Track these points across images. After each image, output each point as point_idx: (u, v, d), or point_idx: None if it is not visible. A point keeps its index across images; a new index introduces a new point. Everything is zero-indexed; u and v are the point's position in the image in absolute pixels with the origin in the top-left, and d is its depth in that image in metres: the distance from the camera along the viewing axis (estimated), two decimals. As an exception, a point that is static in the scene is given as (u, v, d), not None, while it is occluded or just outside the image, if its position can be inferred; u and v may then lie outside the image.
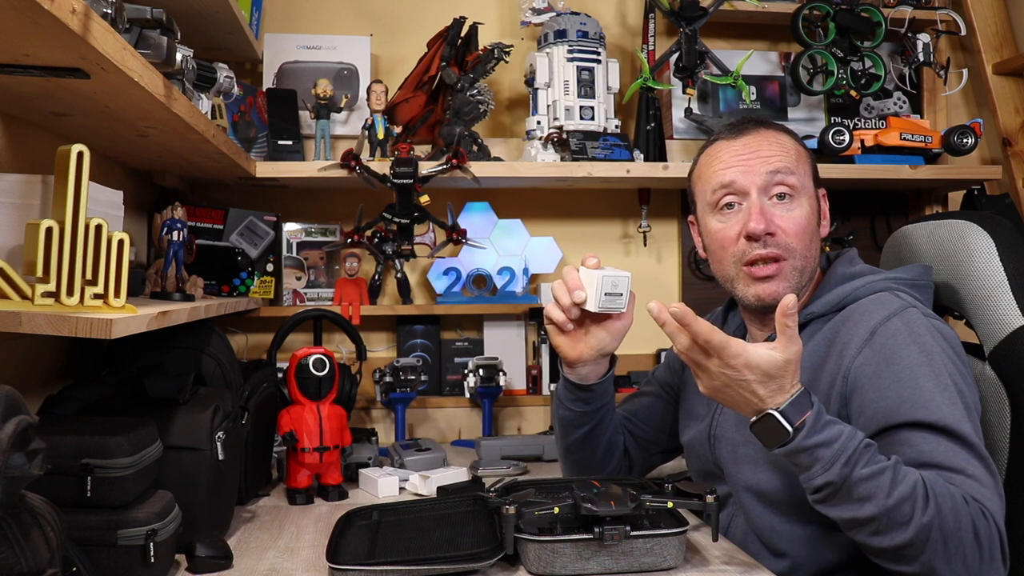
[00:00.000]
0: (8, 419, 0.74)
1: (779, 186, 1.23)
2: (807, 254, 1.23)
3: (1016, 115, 2.24)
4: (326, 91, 1.94)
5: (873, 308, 1.17)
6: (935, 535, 0.97)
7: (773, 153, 1.24)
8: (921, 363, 1.09)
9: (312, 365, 1.47)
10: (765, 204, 1.23)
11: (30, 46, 0.88)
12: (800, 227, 1.22)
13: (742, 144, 1.27)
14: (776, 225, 1.22)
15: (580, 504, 1.08)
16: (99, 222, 0.98)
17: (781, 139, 1.28)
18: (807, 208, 1.24)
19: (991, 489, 1.02)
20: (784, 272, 1.22)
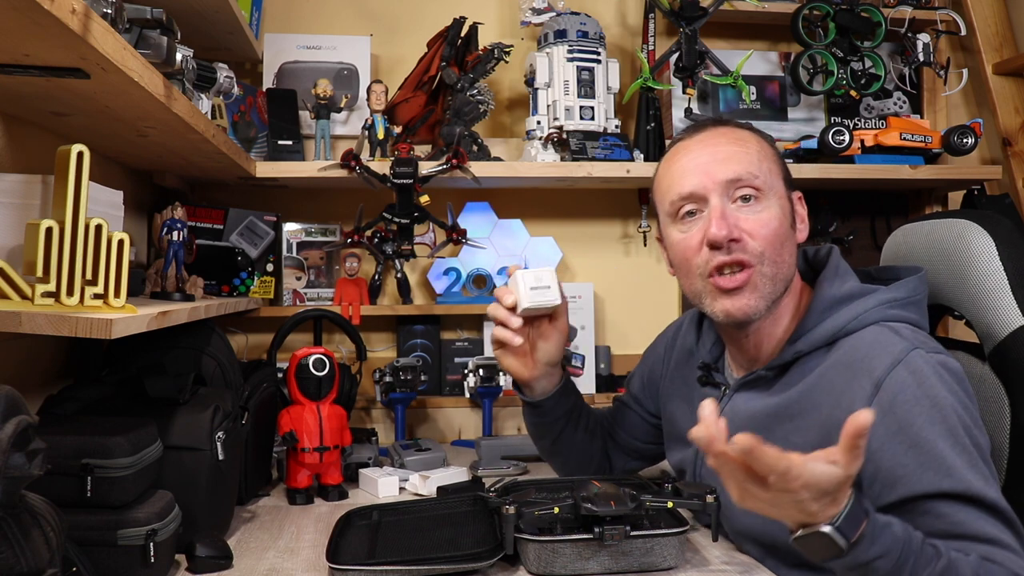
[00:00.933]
0: (8, 419, 0.74)
1: (742, 188, 1.12)
2: (778, 260, 1.12)
3: (1016, 115, 2.24)
4: (326, 91, 1.94)
5: (872, 352, 1.06)
6: None
7: (732, 154, 1.14)
8: (935, 421, 1.00)
9: (312, 365, 1.47)
10: (728, 208, 1.12)
11: (30, 46, 0.88)
12: (769, 230, 1.11)
13: (699, 145, 1.17)
14: (741, 229, 1.11)
15: (580, 504, 1.08)
16: (99, 222, 0.98)
17: (742, 137, 1.17)
18: (776, 210, 1.13)
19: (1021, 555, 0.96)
20: (753, 281, 1.11)
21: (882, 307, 1.12)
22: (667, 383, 1.40)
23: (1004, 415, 1.22)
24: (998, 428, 1.23)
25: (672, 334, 1.44)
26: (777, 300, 1.15)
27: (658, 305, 2.24)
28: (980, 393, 1.26)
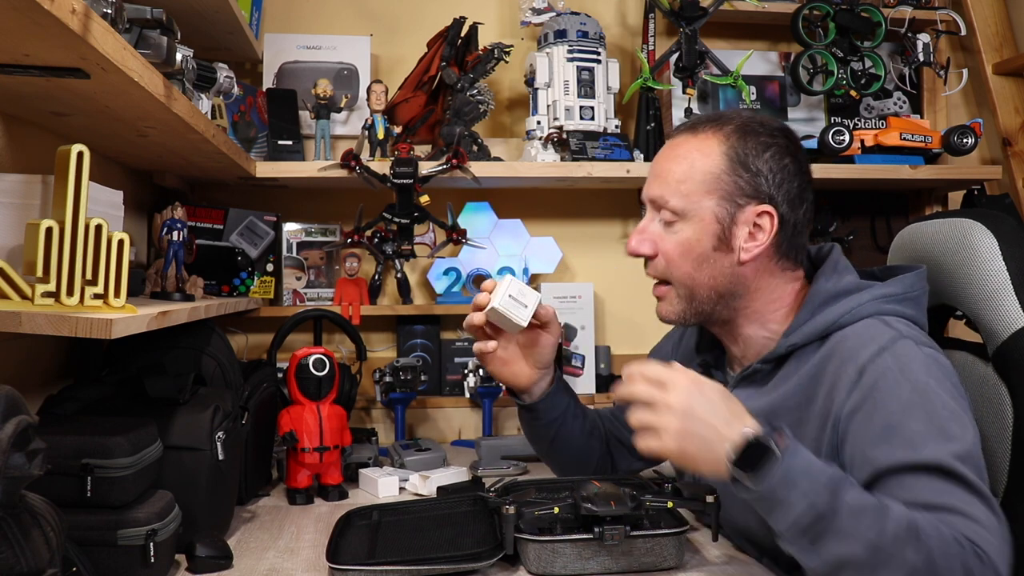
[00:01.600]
0: (8, 419, 0.74)
1: (659, 209, 1.19)
2: (691, 282, 1.17)
3: (1016, 115, 2.23)
4: (326, 91, 1.94)
5: (861, 342, 1.07)
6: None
7: (663, 171, 1.19)
8: (913, 403, 1.00)
9: (312, 365, 1.47)
10: (653, 224, 1.21)
11: (30, 46, 0.88)
12: (675, 252, 1.17)
13: (659, 153, 1.24)
14: (658, 247, 1.20)
15: (580, 504, 1.08)
16: (99, 222, 0.98)
17: (684, 150, 1.19)
18: (689, 233, 1.16)
19: (991, 530, 0.92)
20: (668, 296, 1.21)
21: (877, 301, 1.12)
22: None
23: (1006, 416, 1.22)
24: (1000, 429, 1.23)
25: (679, 334, 1.46)
26: (708, 311, 1.19)
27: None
28: (982, 394, 1.26)
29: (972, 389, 1.28)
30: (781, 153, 1.17)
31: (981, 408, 1.26)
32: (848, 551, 0.90)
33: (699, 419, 0.97)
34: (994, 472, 1.24)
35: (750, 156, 1.16)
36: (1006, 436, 1.22)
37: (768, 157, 1.16)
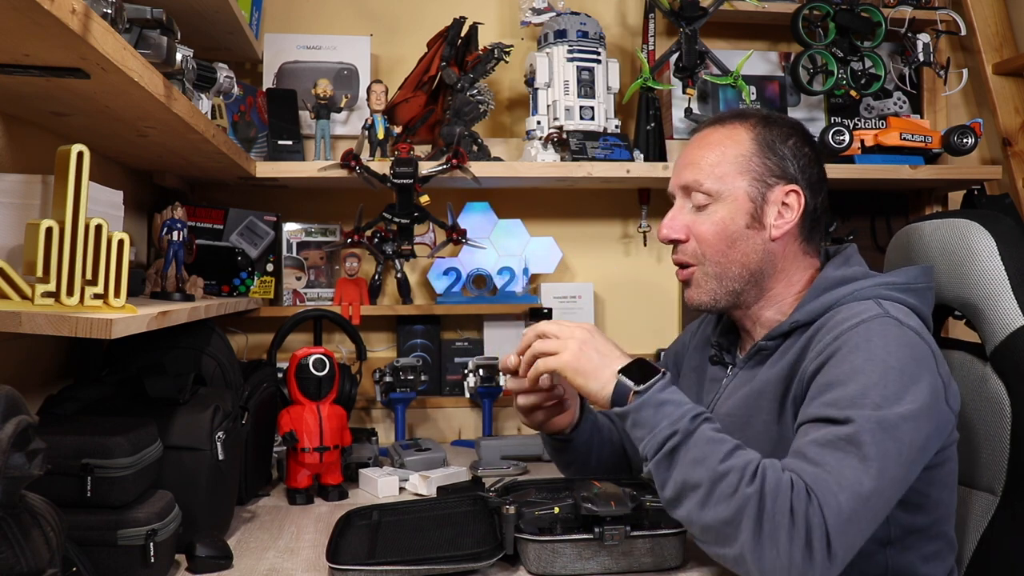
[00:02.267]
0: (8, 419, 0.74)
1: (692, 193, 1.24)
2: (723, 260, 1.22)
3: (1016, 115, 2.23)
4: (326, 91, 1.94)
5: (848, 316, 1.11)
6: (752, 511, 0.94)
7: (695, 159, 1.24)
8: (858, 370, 1.03)
9: (312, 365, 1.47)
10: (683, 210, 1.25)
11: (30, 46, 0.88)
12: (712, 233, 1.21)
13: (685, 146, 1.30)
14: (690, 230, 1.23)
15: (580, 504, 1.08)
16: (99, 222, 0.98)
17: (714, 138, 1.25)
18: (723, 213, 1.21)
19: (844, 486, 0.95)
20: (696, 279, 1.24)
21: (878, 287, 1.16)
22: (686, 366, 1.44)
23: (1005, 415, 1.22)
24: (999, 428, 1.23)
25: (698, 323, 1.49)
26: (737, 291, 1.23)
27: (658, 305, 2.24)
28: (980, 393, 1.26)
29: (971, 389, 1.28)
30: (801, 142, 1.25)
31: (980, 408, 1.27)
32: (694, 475, 0.99)
33: (595, 345, 1.13)
34: (993, 471, 1.25)
35: (776, 141, 1.23)
36: (1005, 435, 1.22)
37: (791, 144, 1.24)
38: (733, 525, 0.95)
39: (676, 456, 1.01)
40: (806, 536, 0.92)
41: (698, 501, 0.98)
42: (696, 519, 0.99)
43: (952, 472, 1.16)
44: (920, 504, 1.12)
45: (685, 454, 1.00)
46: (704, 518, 0.98)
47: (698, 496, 0.98)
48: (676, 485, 1.01)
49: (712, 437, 1.01)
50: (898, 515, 1.10)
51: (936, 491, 1.13)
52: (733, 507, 0.95)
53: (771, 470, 0.97)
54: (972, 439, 1.26)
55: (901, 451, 0.99)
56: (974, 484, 1.27)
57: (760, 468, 0.97)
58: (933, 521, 1.14)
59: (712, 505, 0.97)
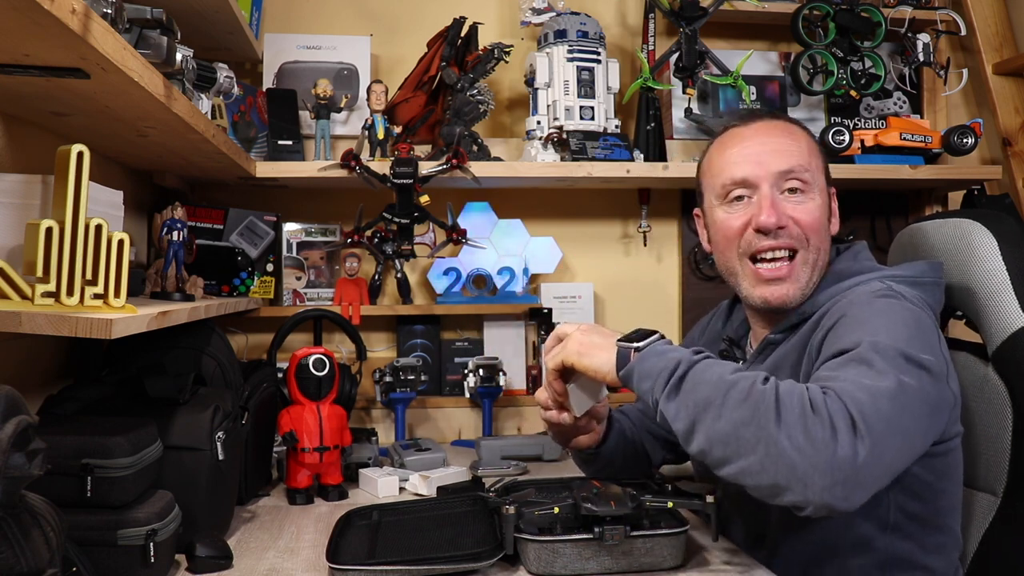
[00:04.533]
0: (8, 419, 0.74)
1: (791, 180, 1.21)
2: (819, 247, 1.22)
3: (1016, 115, 2.23)
4: (326, 91, 1.94)
5: (854, 295, 1.14)
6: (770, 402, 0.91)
7: (785, 147, 1.23)
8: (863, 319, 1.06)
9: (312, 365, 1.47)
10: (777, 197, 1.21)
11: (30, 46, 0.88)
12: (814, 219, 1.21)
13: (753, 135, 1.25)
14: (788, 217, 1.20)
15: (580, 504, 1.08)
16: (99, 222, 0.98)
17: (794, 132, 1.26)
18: (819, 202, 1.23)
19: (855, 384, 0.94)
20: (796, 271, 1.21)
21: (885, 278, 1.17)
22: None
23: (1006, 415, 1.22)
24: (1000, 428, 1.23)
25: (707, 320, 1.50)
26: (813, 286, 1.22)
27: (658, 305, 2.24)
28: (982, 394, 1.26)
29: (972, 389, 1.28)
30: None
31: (981, 408, 1.27)
32: (704, 393, 0.97)
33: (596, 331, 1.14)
34: (994, 472, 1.25)
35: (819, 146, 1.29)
36: (1006, 436, 1.22)
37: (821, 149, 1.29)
38: (753, 424, 0.91)
39: (683, 384, 0.99)
40: (829, 419, 0.89)
41: (713, 415, 0.95)
42: (714, 435, 0.94)
43: (956, 465, 1.16)
44: (920, 492, 1.12)
45: (692, 379, 0.99)
46: (721, 428, 0.94)
47: (712, 410, 0.95)
48: (688, 409, 0.98)
49: (717, 362, 1.01)
50: (899, 499, 1.11)
51: (938, 481, 1.13)
52: (749, 405, 0.92)
53: (784, 381, 0.97)
54: (973, 439, 1.26)
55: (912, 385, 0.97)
56: (975, 485, 1.27)
57: (771, 377, 0.97)
58: (935, 512, 1.14)
59: (728, 412, 0.94)
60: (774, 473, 0.90)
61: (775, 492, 0.91)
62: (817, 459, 0.87)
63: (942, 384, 1.04)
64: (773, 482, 0.90)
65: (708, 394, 0.96)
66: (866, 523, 1.12)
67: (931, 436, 1.03)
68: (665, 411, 1.01)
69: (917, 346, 1.01)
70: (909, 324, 1.05)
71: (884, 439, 0.90)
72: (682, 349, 1.05)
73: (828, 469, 0.87)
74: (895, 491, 1.09)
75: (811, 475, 0.88)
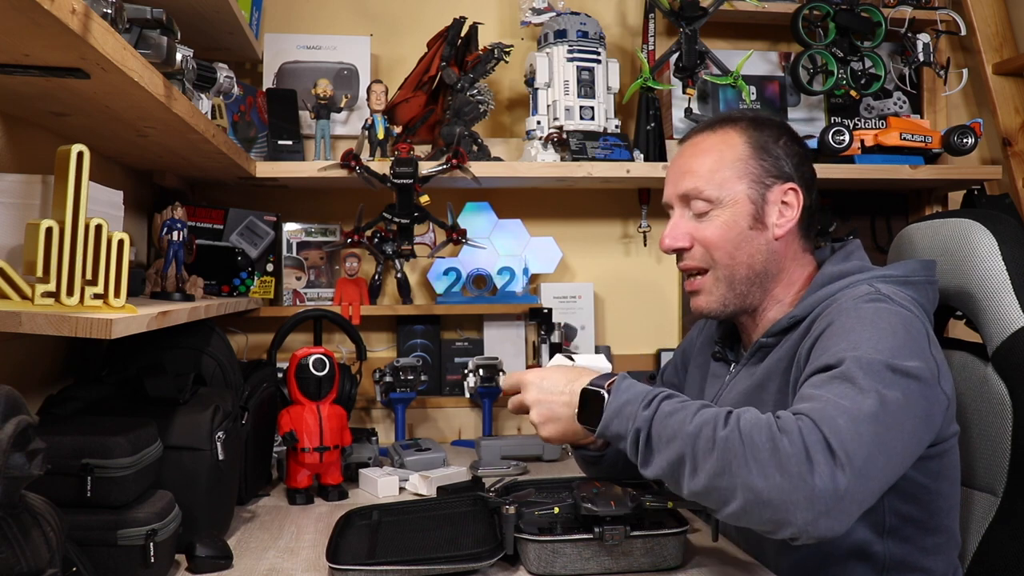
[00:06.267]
0: (8, 419, 0.74)
1: (692, 201, 1.25)
2: (731, 263, 1.23)
3: (1016, 115, 2.23)
4: (326, 91, 1.94)
5: (843, 300, 1.13)
6: (736, 447, 0.90)
7: (688, 168, 1.26)
8: (848, 329, 1.05)
9: (312, 365, 1.47)
10: (684, 218, 1.26)
11: (30, 46, 0.88)
12: (716, 237, 1.22)
13: (677, 155, 1.31)
14: (693, 237, 1.24)
15: (580, 504, 1.08)
16: (99, 222, 0.98)
17: (707, 144, 1.26)
18: (728, 216, 1.22)
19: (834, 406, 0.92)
20: (707, 286, 1.25)
21: (874, 278, 1.17)
22: (692, 363, 1.46)
23: (1006, 416, 1.22)
24: (1000, 429, 1.23)
25: (704, 322, 1.50)
26: (744, 293, 1.24)
27: (658, 305, 2.24)
28: (982, 394, 1.26)
29: (972, 389, 1.28)
30: (791, 140, 1.28)
31: (981, 408, 1.27)
32: (673, 452, 0.96)
33: (549, 396, 1.15)
34: (994, 472, 1.25)
35: (769, 142, 1.25)
36: (1006, 436, 1.22)
37: (783, 143, 1.26)
38: (726, 473, 0.90)
39: (651, 446, 0.99)
40: (803, 449, 0.88)
41: (689, 471, 0.94)
42: (698, 489, 0.94)
43: (952, 466, 1.16)
44: (916, 495, 1.12)
45: (657, 440, 0.98)
46: (700, 483, 0.93)
47: (686, 467, 0.94)
48: (665, 470, 0.97)
49: (673, 410, 0.98)
50: (895, 503, 1.11)
51: (935, 482, 1.13)
52: (717, 455, 0.91)
53: (747, 412, 0.94)
54: (973, 439, 1.26)
55: (898, 398, 0.96)
56: (975, 484, 1.27)
57: (732, 413, 0.95)
58: (932, 513, 1.14)
59: (701, 466, 0.92)
60: (759, 515, 0.89)
61: (768, 531, 0.91)
62: (796, 494, 0.87)
63: (933, 388, 1.03)
64: (761, 522, 0.90)
65: (677, 452, 0.95)
66: (863, 528, 1.12)
67: (923, 444, 1.03)
68: (648, 477, 1.01)
69: (904, 354, 1.01)
70: (896, 331, 1.04)
71: (867, 463, 0.90)
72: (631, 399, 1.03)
73: (809, 502, 0.86)
74: (891, 496, 1.09)
75: (793, 511, 0.87)
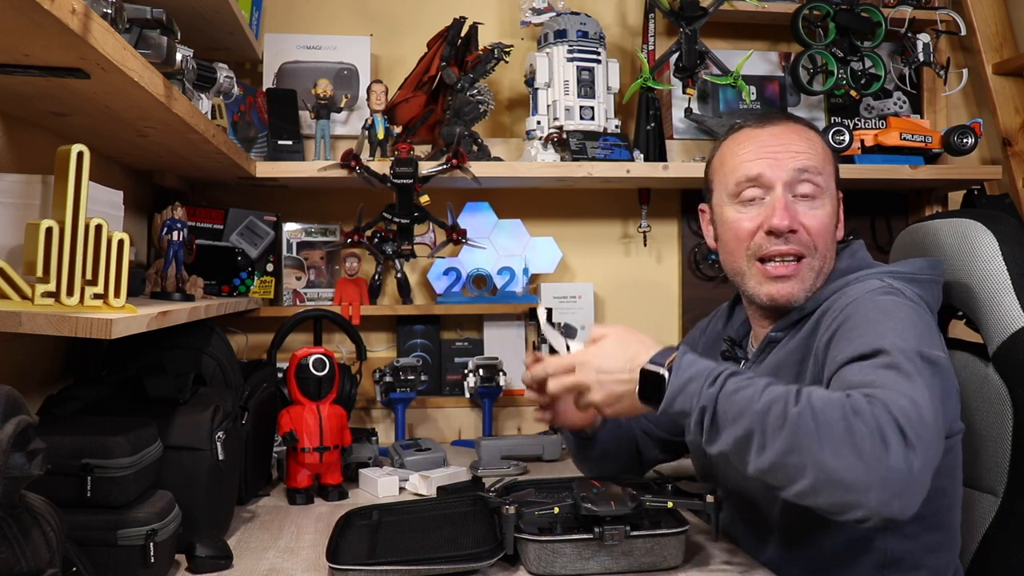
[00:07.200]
0: (8, 419, 0.74)
1: (805, 184, 1.21)
2: (826, 254, 1.22)
3: (1016, 115, 2.23)
4: (326, 91, 1.94)
5: (854, 292, 1.14)
6: (808, 424, 0.89)
7: (802, 149, 1.22)
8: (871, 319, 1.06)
9: (312, 365, 1.47)
10: (790, 200, 1.21)
11: (30, 46, 0.88)
12: (823, 225, 1.21)
13: (770, 136, 1.24)
14: (799, 222, 1.20)
15: (580, 504, 1.08)
16: (99, 222, 0.98)
17: (810, 136, 1.26)
18: (829, 208, 1.23)
19: (896, 390, 0.92)
20: (802, 272, 1.21)
21: (883, 274, 1.18)
22: None
23: (1007, 416, 1.22)
24: (1000, 429, 1.23)
25: (707, 322, 1.50)
26: (819, 286, 1.23)
27: (658, 305, 2.24)
28: (982, 394, 1.26)
29: (972, 389, 1.28)
30: None
31: (981, 408, 1.27)
32: (740, 429, 0.95)
33: (608, 373, 1.10)
34: (995, 472, 1.25)
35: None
36: (1006, 436, 1.22)
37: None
38: (796, 451, 0.90)
39: (717, 424, 0.97)
40: (878, 430, 0.87)
41: (756, 448, 0.93)
42: (764, 466, 0.93)
43: (955, 463, 1.17)
44: None
45: (724, 418, 0.97)
46: (767, 460, 0.92)
47: (754, 443, 0.93)
48: (731, 447, 0.96)
49: (739, 387, 0.97)
50: None
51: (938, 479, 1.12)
52: (787, 432, 0.90)
53: (817, 390, 0.94)
54: (974, 440, 1.26)
55: (935, 384, 0.97)
56: (975, 485, 1.27)
57: (803, 391, 0.94)
58: (935, 510, 1.14)
59: (769, 443, 0.92)
60: (829, 494, 0.89)
61: (836, 511, 0.91)
62: (871, 475, 0.87)
63: (953, 379, 1.07)
64: (830, 503, 0.90)
65: (745, 429, 0.94)
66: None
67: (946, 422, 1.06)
68: (713, 453, 1.00)
69: (927, 343, 1.03)
70: (916, 322, 1.06)
71: (931, 446, 0.90)
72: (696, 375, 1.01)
73: (883, 483, 0.87)
74: None
75: (867, 491, 0.87)
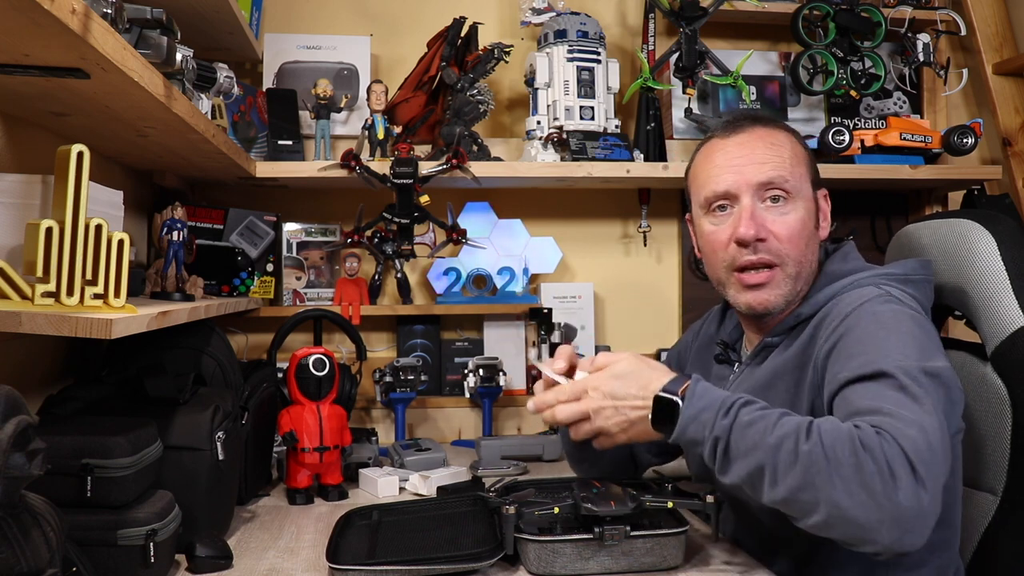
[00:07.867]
0: (8, 419, 0.74)
1: (772, 190, 1.20)
2: (801, 260, 1.21)
3: (1016, 115, 2.23)
4: (326, 91, 1.94)
5: (850, 300, 1.14)
6: (820, 462, 0.90)
7: (767, 158, 1.21)
8: (873, 334, 1.06)
9: (312, 365, 1.47)
10: (757, 208, 1.20)
11: (30, 46, 0.88)
12: (793, 232, 1.19)
13: (735, 145, 1.24)
14: (768, 230, 1.19)
15: (580, 504, 1.08)
16: (99, 222, 0.98)
17: (777, 138, 1.24)
18: (801, 212, 1.21)
19: (906, 422, 0.93)
20: (776, 280, 1.20)
21: (877, 277, 1.18)
22: (688, 367, 1.44)
23: (1005, 416, 1.22)
24: (999, 428, 1.23)
25: (700, 324, 1.50)
26: (799, 291, 1.22)
27: (658, 305, 2.24)
28: (981, 394, 1.26)
29: (971, 389, 1.28)
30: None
31: (980, 408, 1.27)
32: (753, 462, 0.96)
33: (622, 400, 1.08)
34: (994, 472, 1.25)
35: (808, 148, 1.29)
36: (1005, 436, 1.22)
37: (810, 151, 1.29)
38: (808, 488, 0.91)
39: (729, 456, 0.98)
40: (887, 467, 0.88)
41: (768, 482, 0.94)
42: (778, 499, 0.94)
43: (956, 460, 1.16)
44: None
45: (736, 451, 0.97)
46: (780, 494, 0.93)
47: (766, 478, 0.95)
48: (744, 479, 0.97)
49: (752, 419, 0.97)
50: None
51: None
52: (799, 470, 0.91)
53: (827, 423, 0.95)
54: (973, 439, 1.26)
55: (939, 402, 0.98)
56: (975, 484, 1.27)
57: (813, 425, 0.94)
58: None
59: (781, 479, 0.93)
60: (843, 530, 0.91)
61: (850, 545, 0.92)
62: (882, 513, 0.88)
63: (956, 388, 1.06)
64: (844, 537, 0.92)
65: (757, 463, 0.95)
66: None
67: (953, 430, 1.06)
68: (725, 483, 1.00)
69: (928, 354, 1.03)
70: (916, 333, 1.06)
71: (939, 476, 0.92)
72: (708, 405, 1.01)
73: (894, 521, 0.88)
74: None
75: (879, 529, 0.88)
